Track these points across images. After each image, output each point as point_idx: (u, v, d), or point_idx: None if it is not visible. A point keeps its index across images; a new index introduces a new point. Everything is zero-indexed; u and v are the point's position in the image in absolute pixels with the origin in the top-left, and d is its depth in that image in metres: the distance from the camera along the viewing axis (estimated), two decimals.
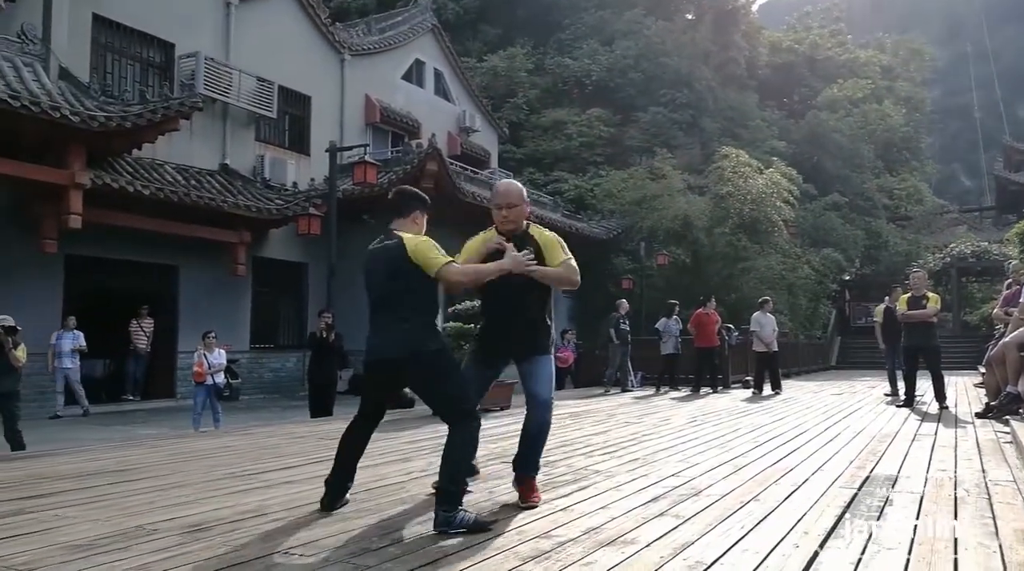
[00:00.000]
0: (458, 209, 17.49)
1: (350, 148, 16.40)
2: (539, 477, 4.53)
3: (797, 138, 34.45)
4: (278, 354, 16.99)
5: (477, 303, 10.02)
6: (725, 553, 2.87)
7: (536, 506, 3.68)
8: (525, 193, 3.88)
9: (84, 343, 12.30)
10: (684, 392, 13.29)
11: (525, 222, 3.84)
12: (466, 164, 21.16)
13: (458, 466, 3.36)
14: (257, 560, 2.80)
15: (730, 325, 15.11)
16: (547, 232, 3.84)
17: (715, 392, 13.19)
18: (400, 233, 3.58)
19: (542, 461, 5.17)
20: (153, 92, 14.27)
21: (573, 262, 3.78)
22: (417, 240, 3.50)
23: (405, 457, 5.48)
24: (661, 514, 3.56)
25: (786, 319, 20.84)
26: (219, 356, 10.47)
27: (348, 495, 3.80)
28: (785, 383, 13.91)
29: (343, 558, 2.82)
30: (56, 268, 12.81)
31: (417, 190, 3.92)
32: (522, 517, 3.50)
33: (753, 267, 22.06)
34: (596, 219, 24.27)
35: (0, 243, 11.96)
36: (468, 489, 3.70)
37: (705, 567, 2.70)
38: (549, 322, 3.91)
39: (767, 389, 12.83)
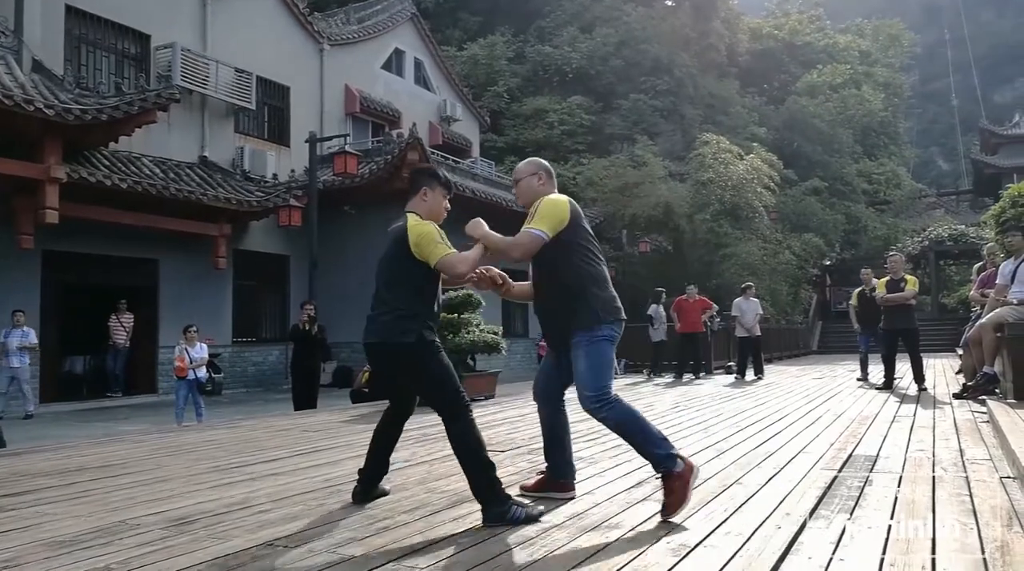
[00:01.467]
0: None
1: (330, 139, 16.31)
2: (524, 464, 4.59)
3: (777, 124, 34.65)
4: (261, 347, 16.92)
5: (462, 292, 10.06)
6: (708, 536, 2.90)
7: (676, 515, 3.10)
8: (535, 167, 3.55)
9: (35, 340, 11.42)
10: (668, 378, 13.38)
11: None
12: (447, 154, 21.09)
13: (473, 458, 3.20)
14: (243, 552, 2.80)
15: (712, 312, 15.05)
16: (546, 199, 3.37)
17: (697, 378, 13.28)
18: (410, 213, 3.42)
19: (526, 448, 5.21)
20: (129, 84, 14.09)
21: (530, 231, 3.24)
22: (422, 227, 3.31)
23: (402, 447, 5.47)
24: (645, 499, 3.59)
25: (768, 304, 21.01)
26: (201, 350, 10.40)
27: (388, 487, 3.75)
28: (767, 368, 14.04)
29: (329, 548, 2.82)
30: (33, 264, 12.66)
31: (431, 166, 3.73)
32: None
33: (735, 253, 22.20)
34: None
35: None
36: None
37: (689, 550, 2.72)
38: (592, 289, 3.31)
39: (750, 374, 12.94)
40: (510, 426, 6.68)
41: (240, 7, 17.26)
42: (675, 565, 2.57)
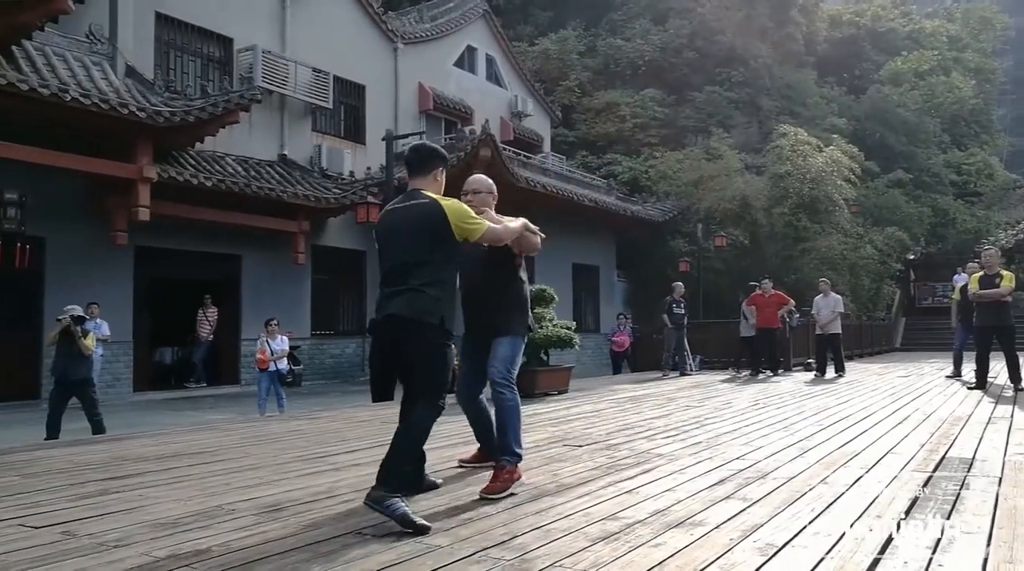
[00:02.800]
0: (512, 195, 17.51)
1: (405, 136, 16.54)
2: (602, 460, 4.58)
3: (858, 114, 33.51)
4: (338, 340, 17.31)
5: (533, 288, 10.08)
6: (796, 535, 2.84)
7: (495, 498, 3.49)
8: (492, 187, 3.95)
9: (107, 332, 11.44)
10: (744, 374, 13.11)
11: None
12: (519, 149, 21.16)
13: (411, 447, 3.21)
14: (333, 539, 2.88)
15: (791, 308, 14.46)
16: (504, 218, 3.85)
17: (775, 375, 12.97)
18: (428, 193, 3.37)
19: (604, 443, 5.20)
20: (214, 86, 14.63)
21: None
22: (456, 204, 3.34)
23: (467, 440, 5.51)
24: (728, 496, 3.54)
25: (848, 300, 20.37)
26: (282, 342, 10.71)
27: (439, 481, 3.83)
28: (848, 365, 13.60)
29: (414, 538, 2.88)
30: (126, 259, 13.27)
31: (435, 144, 3.78)
32: (588, 499, 3.52)
33: (813, 247, 21.63)
34: (651, 201, 24.05)
35: (76, 236, 12.45)
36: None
37: (776, 549, 2.67)
38: (527, 307, 3.97)
39: (830, 372, 12.58)
40: (586, 421, 6.67)
41: (317, 8, 17.68)
42: (763, 565, 2.52)
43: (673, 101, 30.73)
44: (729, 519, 3.11)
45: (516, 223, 3.71)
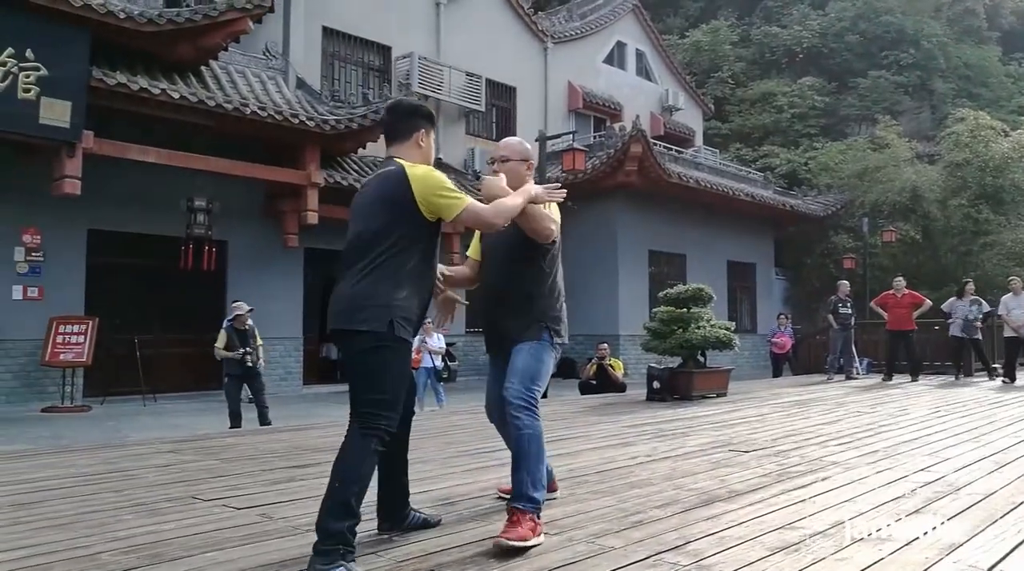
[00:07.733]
0: (664, 190, 17.22)
1: (557, 136, 16.64)
2: (771, 466, 4.40)
3: None
4: None
5: (689, 286, 9.84)
6: (1004, 558, 2.61)
7: (512, 546, 2.67)
8: (526, 152, 3.16)
9: (442, 344, 11.39)
10: (980, 378, 12.10)
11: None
12: (670, 144, 20.74)
13: (348, 489, 2.48)
14: None
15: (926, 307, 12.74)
16: (555, 206, 3.14)
17: (914, 380, 11.80)
18: (401, 160, 2.73)
19: (772, 450, 4.99)
20: (374, 94, 15.33)
21: (556, 221, 3.01)
22: (426, 171, 2.66)
23: (628, 441, 5.50)
24: (916, 511, 3.31)
25: None
26: (438, 340, 11.06)
27: (428, 516, 3.07)
28: None
29: (587, 538, 2.88)
30: (297, 260, 14.16)
31: (414, 102, 3.07)
32: (761, 506, 3.39)
33: (997, 241, 19.78)
34: (812, 195, 22.89)
35: (252, 239, 13.44)
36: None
37: None
38: (550, 298, 3.10)
39: (1021, 378, 11.43)
40: (749, 426, 6.44)
41: (470, 13, 18.12)
42: None
43: (834, 88, 29.16)
44: (921, 536, 2.90)
45: (518, 198, 2.80)
